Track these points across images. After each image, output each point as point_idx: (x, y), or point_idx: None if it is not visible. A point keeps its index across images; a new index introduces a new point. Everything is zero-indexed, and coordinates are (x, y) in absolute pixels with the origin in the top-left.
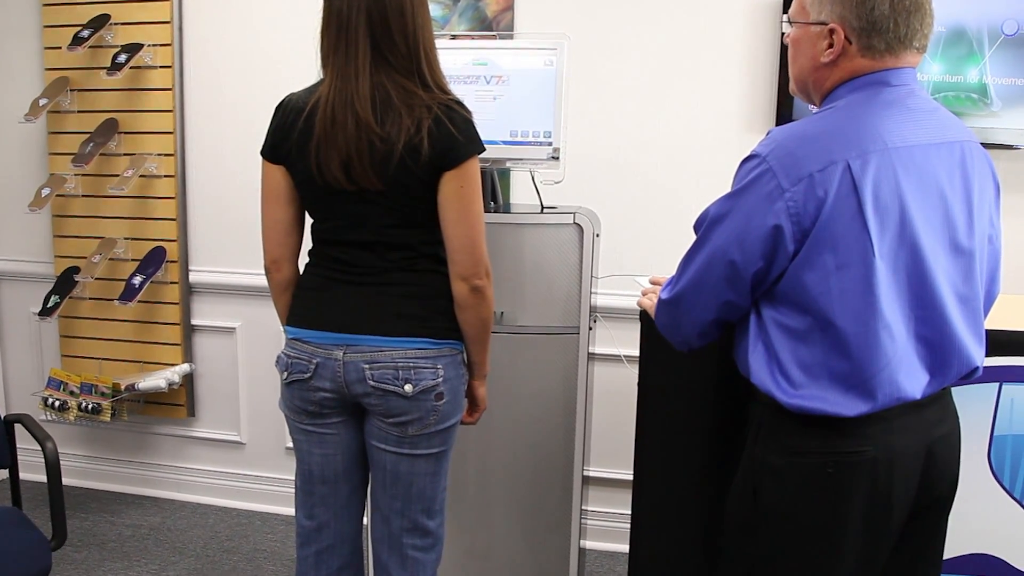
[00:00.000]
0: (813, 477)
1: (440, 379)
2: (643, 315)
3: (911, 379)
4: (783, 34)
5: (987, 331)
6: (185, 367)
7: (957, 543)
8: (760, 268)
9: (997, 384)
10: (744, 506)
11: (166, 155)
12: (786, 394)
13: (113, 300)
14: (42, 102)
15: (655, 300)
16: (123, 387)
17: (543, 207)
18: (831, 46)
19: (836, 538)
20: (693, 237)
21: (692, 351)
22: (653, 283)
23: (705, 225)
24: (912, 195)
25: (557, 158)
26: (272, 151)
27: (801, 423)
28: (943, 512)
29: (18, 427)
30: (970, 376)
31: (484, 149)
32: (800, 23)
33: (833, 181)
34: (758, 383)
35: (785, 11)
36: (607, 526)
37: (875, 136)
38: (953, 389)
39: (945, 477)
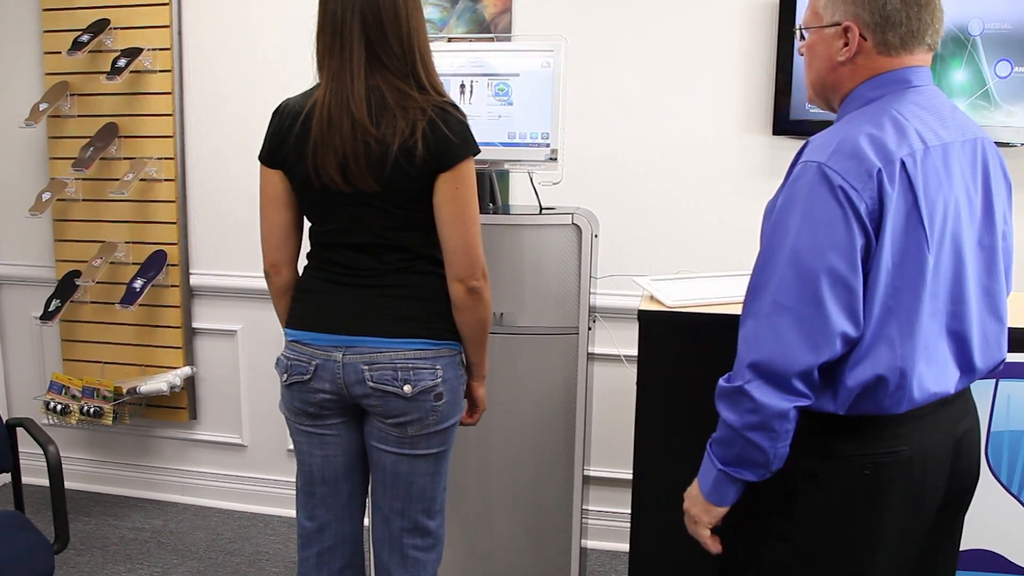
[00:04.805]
0: (850, 480)
1: (439, 380)
2: (641, 315)
3: (945, 376)
4: (801, 42)
5: None
6: (186, 370)
7: None
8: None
9: (994, 380)
10: (778, 512)
11: (166, 159)
12: (829, 400)
13: (114, 304)
14: (42, 107)
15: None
16: (125, 390)
17: (541, 208)
18: (846, 45)
19: (874, 538)
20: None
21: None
22: None
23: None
24: (949, 193)
25: (555, 159)
26: (270, 156)
27: (836, 426)
28: (964, 506)
29: (20, 431)
30: (995, 369)
31: (479, 151)
32: (814, 28)
33: (895, 179)
34: None
35: (782, 13)
36: (608, 525)
37: (916, 135)
38: None
39: (969, 472)
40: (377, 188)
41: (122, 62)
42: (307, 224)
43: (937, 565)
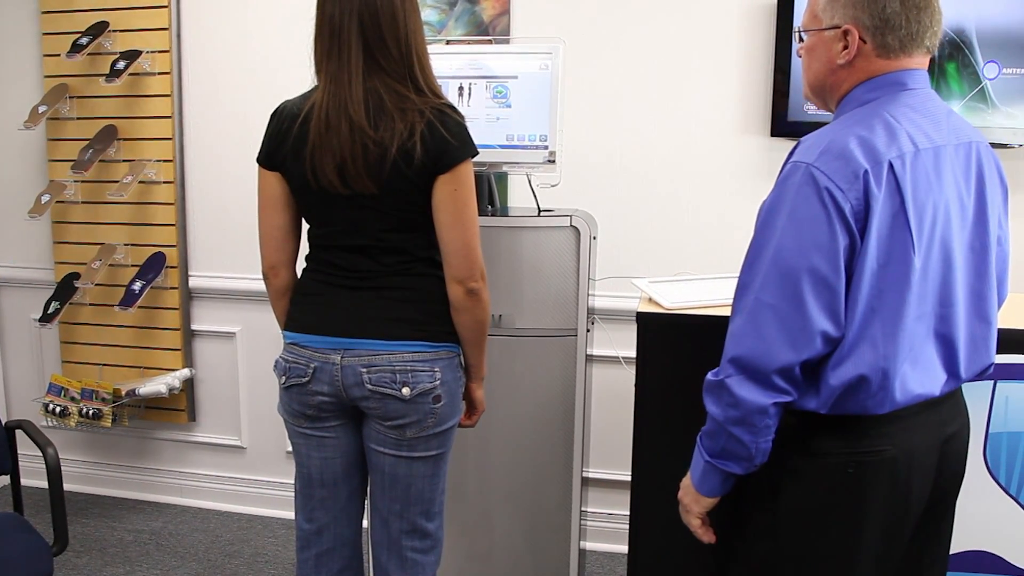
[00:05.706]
0: (834, 477)
1: (437, 382)
2: (640, 317)
3: (930, 378)
4: (800, 44)
5: None
6: (185, 372)
7: (954, 540)
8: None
9: (992, 382)
10: (762, 508)
11: (165, 161)
12: (812, 398)
13: (113, 306)
14: (41, 109)
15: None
16: (124, 392)
17: (540, 210)
18: (846, 47)
19: (856, 537)
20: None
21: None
22: None
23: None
24: (939, 196)
25: (553, 161)
26: (268, 158)
27: (821, 424)
28: (950, 508)
29: (19, 433)
30: (984, 373)
31: (477, 152)
32: (814, 30)
33: (881, 180)
34: None
35: (780, 14)
36: (607, 527)
37: (907, 137)
38: None
39: (955, 473)
40: (375, 190)
41: (121, 64)
42: (305, 226)
43: (923, 566)
